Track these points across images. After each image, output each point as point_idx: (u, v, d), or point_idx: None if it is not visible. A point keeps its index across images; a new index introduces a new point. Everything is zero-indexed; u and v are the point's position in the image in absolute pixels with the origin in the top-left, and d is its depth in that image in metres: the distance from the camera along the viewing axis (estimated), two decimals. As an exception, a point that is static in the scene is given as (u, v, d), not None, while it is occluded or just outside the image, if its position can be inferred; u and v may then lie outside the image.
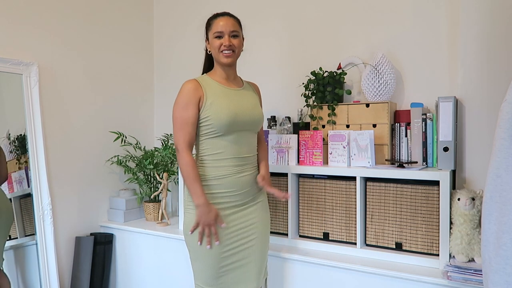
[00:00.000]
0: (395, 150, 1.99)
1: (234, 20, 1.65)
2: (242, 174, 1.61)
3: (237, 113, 1.57)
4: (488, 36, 1.83)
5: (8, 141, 2.16)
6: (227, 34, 1.60)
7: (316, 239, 1.99)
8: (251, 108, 1.65)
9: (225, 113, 1.55)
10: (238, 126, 1.58)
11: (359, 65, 2.16)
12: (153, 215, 2.58)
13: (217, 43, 1.60)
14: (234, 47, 1.61)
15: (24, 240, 2.18)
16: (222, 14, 1.65)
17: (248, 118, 1.61)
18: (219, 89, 1.61)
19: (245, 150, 1.62)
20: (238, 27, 1.64)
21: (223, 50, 1.59)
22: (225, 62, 1.60)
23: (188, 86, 1.58)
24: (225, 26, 1.60)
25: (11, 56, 2.13)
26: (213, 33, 1.61)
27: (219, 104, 1.56)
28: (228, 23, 1.61)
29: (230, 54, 1.60)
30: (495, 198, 1.01)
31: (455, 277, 1.53)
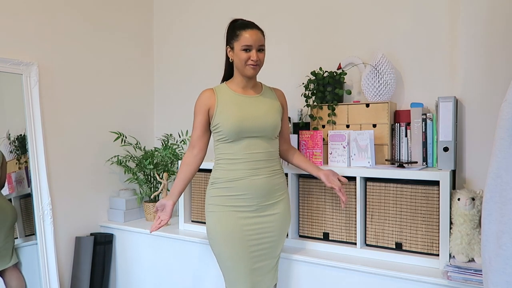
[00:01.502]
0: (395, 150, 1.99)
1: (261, 33, 1.67)
2: (256, 177, 1.64)
3: (244, 121, 1.62)
4: (488, 36, 1.83)
5: (8, 141, 2.16)
6: (255, 48, 1.63)
7: (316, 239, 1.99)
8: (263, 115, 1.67)
9: (232, 120, 1.61)
10: (247, 133, 1.63)
11: (359, 65, 2.16)
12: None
13: (245, 56, 1.62)
14: (260, 62, 1.66)
15: (24, 240, 2.18)
16: (250, 26, 1.65)
17: (257, 125, 1.64)
18: (233, 97, 1.68)
19: (259, 155, 1.66)
20: (264, 41, 1.68)
21: (250, 64, 1.63)
22: (250, 75, 1.66)
23: (202, 95, 1.69)
24: (254, 41, 1.62)
25: (11, 56, 2.13)
26: (240, 45, 1.62)
27: (227, 112, 1.63)
28: (257, 37, 1.63)
29: (256, 68, 1.65)
30: (495, 198, 1.01)
31: (455, 277, 1.53)
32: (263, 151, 1.67)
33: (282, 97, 1.82)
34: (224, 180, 1.66)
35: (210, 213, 1.68)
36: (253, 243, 1.65)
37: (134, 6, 2.84)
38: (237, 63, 1.66)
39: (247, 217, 1.64)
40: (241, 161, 1.64)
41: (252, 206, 1.65)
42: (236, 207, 1.64)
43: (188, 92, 2.83)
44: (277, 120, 1.71)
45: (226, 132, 1.62)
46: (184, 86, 2.86)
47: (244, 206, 1.64)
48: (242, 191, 1.64)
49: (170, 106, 2.93)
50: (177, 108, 2.88)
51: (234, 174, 1.64)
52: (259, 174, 1.65)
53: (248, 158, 1.64)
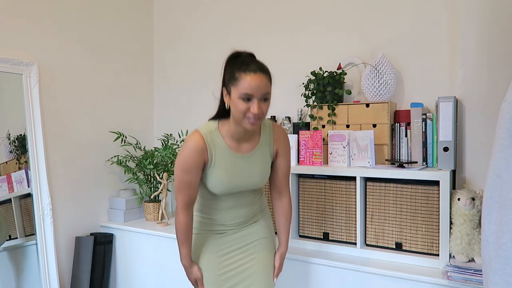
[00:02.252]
0: (395, 150, 1.99)
1: (267, 78, 1.33)
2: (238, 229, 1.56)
3: (233, 186, 1.45)
4: (488, 36, 1.83)
5: (8, 141, 2.16)
6: (258, 97, 1.30)
7: (316, 239, 1.99)
8: (253, 175, 1.48)
9: (221, 185, 1.44)
10: (235, 191, 1.48)
11: (359, 65, 2.16)
12: (153, 215, 2.58)
13: (243, 107, 1.30)
14: (263, 115, 1.34)
15: (24, 240, 2.18)
16: (253, 70, 1.30)
17: (245, 185, 1.48)
18: (226, 154, 1.43)
19: (242, 212, 1.53)
20: (270, 87, 1.34)
21: (249, 117, 1.32)
22: (249, 129, 1.36)
23: (193, 147, 1.39)
24: (257, 89, 1.29)
25: (11, 56, 2.13)
26: (239, 93, 1.29)
27: (218, 176, 1.43)
28: (261, 84, 1.29)
29: (256, 122, 1.33)
30: (495, 198, 1.01)
31: (455, 277, 1.53)
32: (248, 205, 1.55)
33: (280, 140, 1.54)
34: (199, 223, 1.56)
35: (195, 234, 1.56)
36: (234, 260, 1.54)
37: (134, 6, 2.84)
38: (233, 112, 1.35)
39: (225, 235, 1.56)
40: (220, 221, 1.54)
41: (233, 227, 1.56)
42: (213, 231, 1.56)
43: (188, 92, 2.83)
44: (267, 172, 1.53)
45: (214, 190, 1.45)
46: (184, 86, 2.86)
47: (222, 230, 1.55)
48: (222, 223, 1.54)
49: (170, 106, 2.93)
50: (177, 108, 2.88)
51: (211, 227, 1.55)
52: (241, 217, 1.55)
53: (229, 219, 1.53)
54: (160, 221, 2.47)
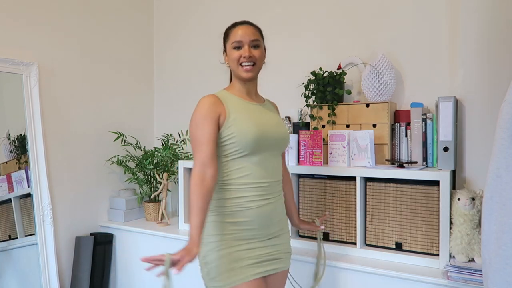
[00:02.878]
0: (395, 150, 1.99)
1: (255, 28, 1.46)
2: (265, 204, 1.39)
3: (263, 129, 1.38)
4: (488, 36, 1.83)
5: (8, 141, 2.16)
6: (247, 44, 1.41)
7: (316, 239, 1.98)
8: (276, 125, 1.45)
9: (251, 129, 1.35)
10: (264, 144, 1.39)
11: (359, 65, 2.16)
12: (153, 215, 2.58)
13: (236, 55, 1.41)
14: (255, 59, 1.41)
15: (24, 240, 2.18)
16: (241, 23, 1.46)
17: (275, 135, 1.42)
18: (242, 103, 1.43)
19: (270, 174, 1.41)
20: (259, 36, 1.46)
21: (243, 62, 1.40)
22: (245, 77, 1.41)
23: (206, 101, 1.37)
24: (244, 35, 1.41)
25: (11, 56, 2.13)
26: (231, 43, 1.42)
27: (243, 120, 1.37)
28: (248, 31, 1.42)
29: (251, 67, 1.40)
30: (495, 198, 1.01)
31: (455, 277, 1.53)
32: (273, 169, 1.44)
33: (278, 111, 1.63)
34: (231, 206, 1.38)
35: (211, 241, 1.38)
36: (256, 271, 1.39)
37: (134, 6, 2.84)
38: (231, 66, 1.44)
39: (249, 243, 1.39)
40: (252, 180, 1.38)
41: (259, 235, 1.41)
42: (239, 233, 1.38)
43: (188, 92, 2.83)
44: (287, 131, 1.52)
45: (242, 143, 1.34)
46: (184, 86, 2.86)
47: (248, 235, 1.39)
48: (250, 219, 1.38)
49: (170, 106, 2.93)
50: (177, 108, 2.88)
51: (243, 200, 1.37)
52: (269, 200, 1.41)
53: (260, 177, 1.39)
54: (160, 221, 2.47)
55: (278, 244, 1.45)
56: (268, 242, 1.42)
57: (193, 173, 1.30)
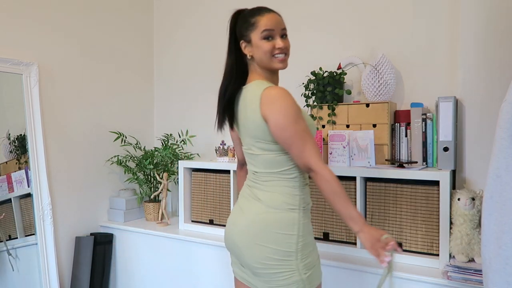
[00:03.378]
0: (395, 150, 1.99)
1: (280, 16, 1.37)
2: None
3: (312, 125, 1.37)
4: (488, 36, 1.83)
5: (8, 141, 2.16)
6: (278, 33, 1.32)
7: (316, 239, 1.98)
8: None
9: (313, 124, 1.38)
10: None
11: (359, 65, 2.16)
12: (153, 215, 2.58)
13: (269, 46, 1.30)
14: (287, 49, 1.35)
15: (24, 240, 2.18)
16: (267, 10, 1.35)
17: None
18: None
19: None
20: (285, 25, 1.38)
21: (276, 54, 1.31)
22: (281, 68, 1.35)
23: (289, 93, 1.29)
24: (276, 24, 1.32)
25: (11, 56, 2.13)
26: (260, 33, 1.31)
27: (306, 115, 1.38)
28: (278, 19, 1.33)
29: (285, 58, 1.34)
30: (495, 198, 1.01)
31: (455, 277, 1.53)
32: None
33: None
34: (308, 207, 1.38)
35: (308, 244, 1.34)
36: None
37: (134, 7, 2.84)
38: (260, 57, 1.32)
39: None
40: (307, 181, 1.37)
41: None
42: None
43: (188, 92, 2.83)
44: None
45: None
46: (184, 86, 2.86)
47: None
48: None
49: (170, 106, 2.93)
50: (177, 108, 2.88)
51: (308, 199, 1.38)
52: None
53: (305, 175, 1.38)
54: (160, 221, 2.47)
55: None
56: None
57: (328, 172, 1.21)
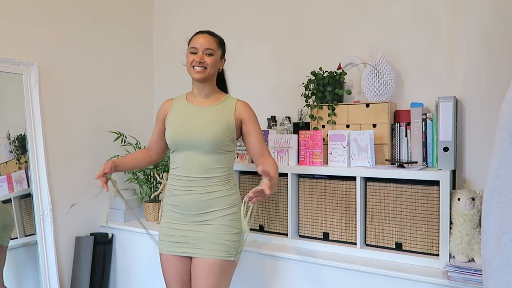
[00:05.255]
0: (395, 150, 1.99)
1: (213, 38, 1.67)
2: (186, 194, 1.63)
3: (179, 133, 1.64)
4: (488, 36, 1.83)
5: (8, 141, 2.16)
6: (201, 51, 1.64)
7: (316, 239, 1.99)
8: (201, 127, 1.61)
9: (170, 132, 1.67)
10: (182, 145, 1.64)
11: (359, 65, 2.16)
12: (153, 215, 2.58)
13: (190, 59, 1.65)
14: (206, 64, 1.63)
15: (24, 240, 2.18)
16: (202, 32, 1.69)
17: (191, 138, 1.62)
18: (183, 107, 1.71)
19: (194, 170, 1.62)
20: (215, 46, 1.66)
21: (194, 65, 1.64)
22: (195, 78, 1.65)
23: (162, 104, 1.80)
24: (201, 44, 1.64)
25: (11, 56, 2.13)
26: (189, 48, 1.67)
27: (171, 123, 1.69)
28: (205, 40, 1.64)
29: (201, 70, 1.63)
30: (495, 198, 1.01)
31: (455, 277, 1.53)
32: (199, 165, 1.62)
33: (241, 110, 1.67)
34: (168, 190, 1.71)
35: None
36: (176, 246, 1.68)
37: (134, 6, 2.84)
38: (187, 67, 1.69)
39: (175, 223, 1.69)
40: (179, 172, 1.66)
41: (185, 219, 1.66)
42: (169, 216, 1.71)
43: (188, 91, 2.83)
44: (217, 133, 1.60)
45: (168, 142, 1.69)
46: (184, 86, 2.85)
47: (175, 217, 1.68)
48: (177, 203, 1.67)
49: (170, 106, 2.93)
50: (177, 108, 2.88)
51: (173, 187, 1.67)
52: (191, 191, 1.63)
53: (183, 171, 1.64)
54: (160, 221, 2.47)
55: (198, 231, 1.63)
56: (189, 227, 1.64)
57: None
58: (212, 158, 1.62)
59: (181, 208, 1.65)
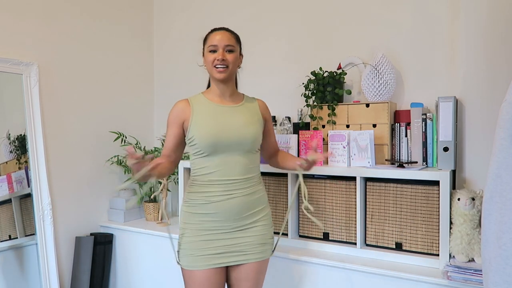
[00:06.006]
0: (395, 150, 1.99)
1: (231, 34, 1.58)
2: (228, 199, 1.52)
3: (219, 133, 1.50)
4: (488, 36, 1.83)
5: (8, 141, 2.16)
6: (222, 48, 1.54)
7: (316, 239, 1.99)
8: (241, 126, 1.54)
9: (207, 134, 1.50)
10: (222, 146, 1.51)
11: (359, 65, 2.16)
12: (153, 215, 2.58)
13: (211, 57, 1.54)
14: (228, 62, 1.54)
15: (24, 240, 2.18)
16: (219, 29, 1.60)
17: (234, 138, 1.52)
18: (209, 107, 1.57)
19: (235, 172, 1.52)
20: (234, 42, 1.57)
21: (216, 64, 1.53)
22: (218, 78, 1.54)
23: (176, 106, 1.59)
24: (220, 40, 1.54)
25: (11, 56, 2.13)
26: (207, 47, 1.56)
27: (202, 124, 1.52)
28: (223, 37, 1.55)
29: (224, 69, 1.53)
30: (495, 198, 1.01)
31: (455, 277, 1.53)
32: (240, 167, 1.53)
33: (264, 109, 1.69)
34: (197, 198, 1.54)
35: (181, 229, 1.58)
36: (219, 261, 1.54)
37: (134, 6, 2.84)
38: (207, 67, 1.58)
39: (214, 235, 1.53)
40: (215, 177, 1.51)
41: (224, 227, 1.53)
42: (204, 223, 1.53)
43: (188, 92, 2.82)
44: (258, 131, 1.59)
45: (201, 146, 1.51)
46: (184, 86, 2.86)
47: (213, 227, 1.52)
48: (214, 211, 1.52)
49: (170, 106, 2.90)
50: (177, 108, 2.88)
51: (208, 195, 1.52)
52: (233, 195, 1.52)
53: (223, 175, 1.51)
54: (160, 221, 2.47)
55: (244, 237, 1.55)
56: (232, 234, 1.54)
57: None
58: (249, 158, 1.57)
59: (220, 216, 1.51)
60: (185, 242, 1.54)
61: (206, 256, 1.51)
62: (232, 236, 1.53)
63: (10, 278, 2.11)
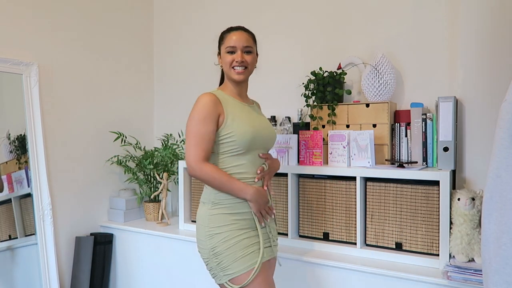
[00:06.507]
0: (395, 150, 1.99)
1: (249, 35, 1.56)
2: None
3: (257, 129, 1.49)
4: (488, 36, 1.83)
5: (8, 141, 2.16)
6: (240, 49, 1.51)
7: (316, 239, 1.99)
8: (269, 125, 1.60)
9: (248, 129, 1.46)
10: (257, 143, 1.50)
11: (359, 65, 2.16)
12: (153, 215, 2.58)
13: (229, 59, 1.51)
14: (247, 63, 1.52)
15: (24, 240, 2.18)
16: (236, 28, 1.56)
17: (267, 135, 1.55)
18: (237, 104, 1.53)
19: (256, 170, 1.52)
20: (252, 43, 1.56)
21: (235, 66, 1.51)
22: (237, 79, 1.52)
23: (207, 100, 1.45)
24: (238, 41, 1.51)
25: (11, 56, 2.13)
26: (225, 48, 1.52)
27: (241, 120, 1.47)
28: (241, 37, 1.52)
29: (242, 70, 1.51)
30: (495, 198, 1.01)
31: (455, 277, 1.53)
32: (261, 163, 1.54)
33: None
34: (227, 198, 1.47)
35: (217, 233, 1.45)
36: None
37: (134, 6, 2.84)
38: (224, 68, 1.55)
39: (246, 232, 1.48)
40: (247, 175, 1.49)
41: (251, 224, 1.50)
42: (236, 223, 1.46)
43: (188, 92, 2.83)
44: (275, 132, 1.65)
45: (240, 142, 1.45)
46: (184, 86, 2.86)
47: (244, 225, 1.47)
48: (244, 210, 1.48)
49: (170, 106, 2.93)
50: (177, 108, 2.88)
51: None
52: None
53: (253, 173, 1.50)
54: (160, 221, 2.47)
55: (269, 232, 1.55)
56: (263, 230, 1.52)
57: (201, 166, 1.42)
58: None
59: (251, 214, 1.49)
60: (228, 246, 1.42)
61: (256, 252, 1.44)
62: (263, 232, 1.51)
63: (10, 278, 2.11)
